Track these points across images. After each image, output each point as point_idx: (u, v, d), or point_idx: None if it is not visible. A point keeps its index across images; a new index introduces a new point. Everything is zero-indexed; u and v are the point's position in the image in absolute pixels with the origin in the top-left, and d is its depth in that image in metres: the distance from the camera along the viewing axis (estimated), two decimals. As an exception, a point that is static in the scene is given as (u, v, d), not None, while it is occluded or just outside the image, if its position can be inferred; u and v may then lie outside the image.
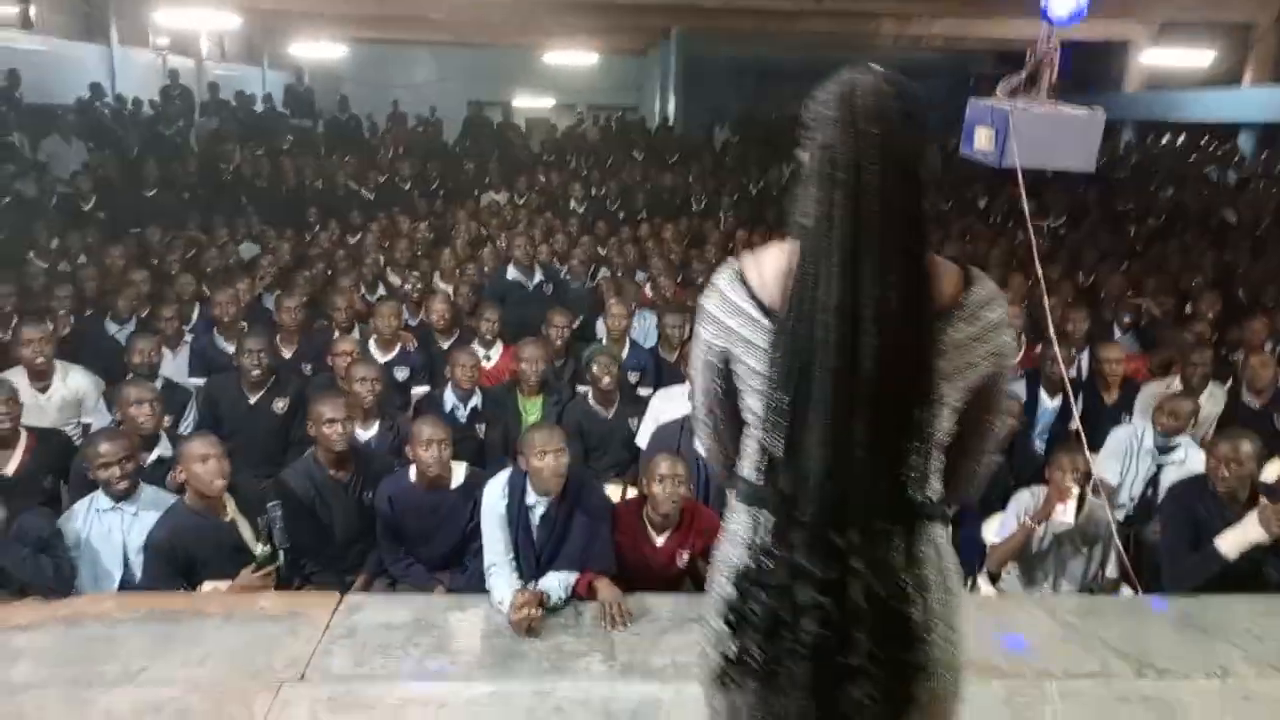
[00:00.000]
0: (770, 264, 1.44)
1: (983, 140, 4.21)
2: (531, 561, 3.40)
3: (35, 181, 8.99)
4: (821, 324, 1.32)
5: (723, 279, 1.49)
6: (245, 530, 3.44)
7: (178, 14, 12.91)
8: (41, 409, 4.44)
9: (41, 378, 4.54)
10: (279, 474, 3.95)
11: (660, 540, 3.54)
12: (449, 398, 4.80)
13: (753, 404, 1.45)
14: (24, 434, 3.94)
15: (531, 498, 3.41)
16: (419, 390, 5.34)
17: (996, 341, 1.42)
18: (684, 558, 3.50)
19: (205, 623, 3.10)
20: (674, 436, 3.97)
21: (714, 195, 10.95)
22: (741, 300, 1.44)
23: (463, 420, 4.72)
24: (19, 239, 7.48)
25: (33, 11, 12.94)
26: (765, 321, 1.41)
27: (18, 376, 4.37)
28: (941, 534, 1.45)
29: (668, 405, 4.75)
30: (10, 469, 3.85)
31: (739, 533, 1.48)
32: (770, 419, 1.38)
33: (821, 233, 1.33)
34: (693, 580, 3.61)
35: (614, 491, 4.30)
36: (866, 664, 1.32)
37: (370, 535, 3.88)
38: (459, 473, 3.74)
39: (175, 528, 3.32)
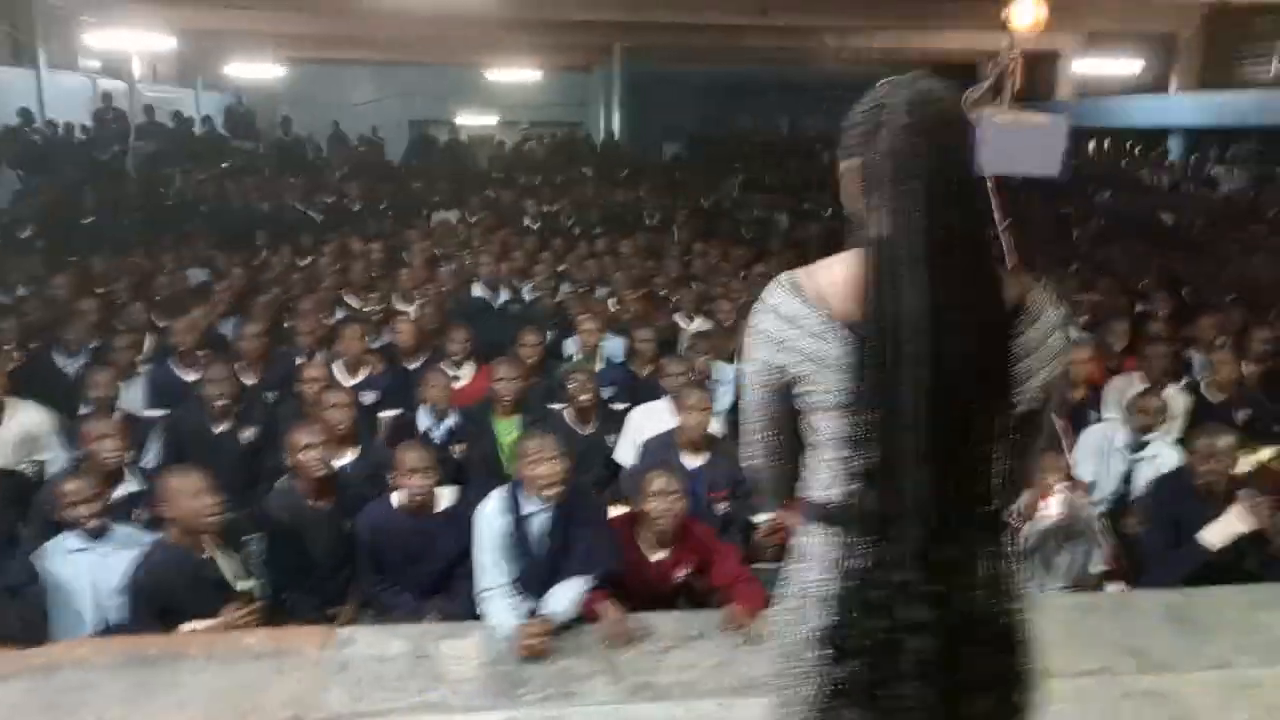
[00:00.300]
0: (828, 277, 1.40)
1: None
2: (537, 574, 3.33)
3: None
4: (908, 336, 1.29)
5: (777, 297, 1.42)
6: (225, 566, 3.30)
7: (108, 36, 12.58)
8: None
9: (-10, 414, 4.34)
10: (257, 505, 3.83)
11: (656, 557, 3.49)
12: (423, 419, 4.70)
13: (824, 422, 1.41)
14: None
15: (529, 507, 3.34)
16: (387, 414, 5.22)
17: (1060, 342, 1.42)
18: (680, 574, 3.46)
19: (184, 665, 2.96)
20: (663, 451, 3.93)
21: (667, 210, 10.98)
22: (805, 318, 1.38)
23: (438, 442, 4.63)
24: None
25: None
26: (836, 337, 1.36)
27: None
28: (1007, 541, 1.44)
29: (648, 421, 4.71)
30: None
31: (815, 555, 1.43)
32: (856, 436, 1.34)
33: (899, 242, 1.31)
34: (688, 596, 3.58)
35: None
36: (983, 679, 1.30)
37: (353, 565, 3.77)
38: (445, 497, 3.65)
39: (155, 566, 3.18)
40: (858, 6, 14.17)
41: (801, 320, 1.38)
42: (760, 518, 3.98)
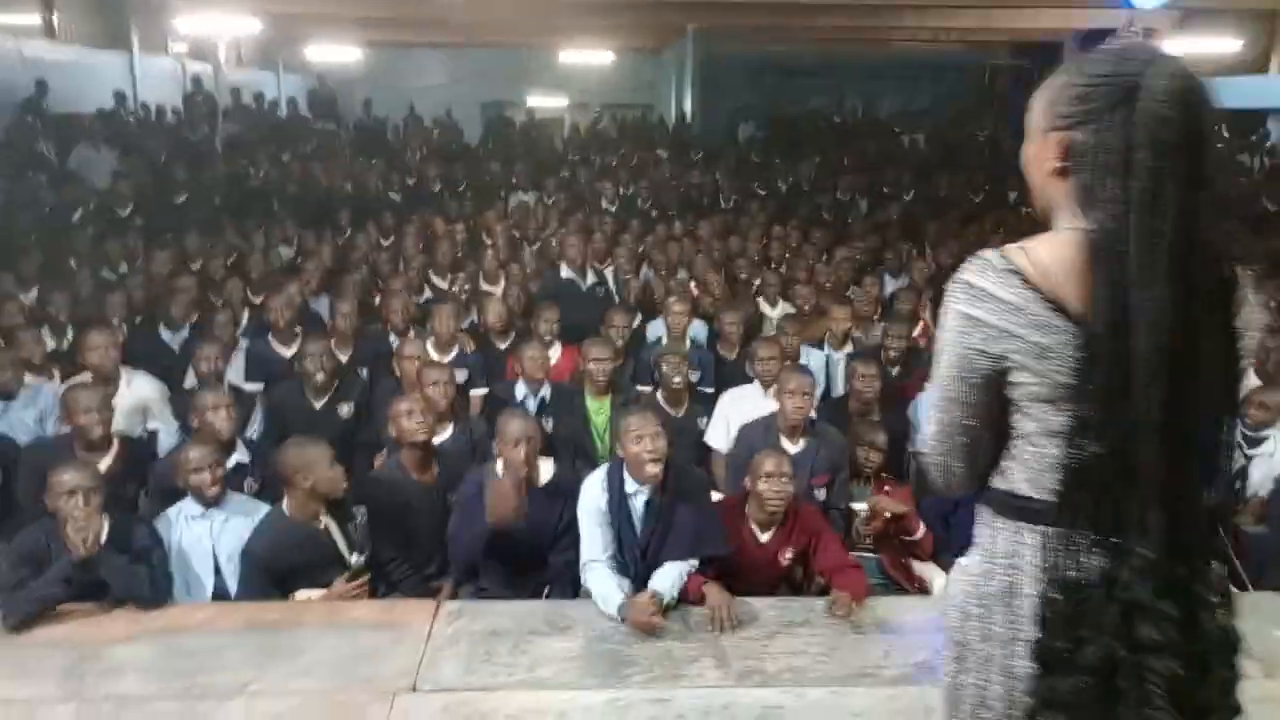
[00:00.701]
0: (1051, 256, 1.30)
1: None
2: (636, 554, 3.34)
3: (68, 190, 8.94)
4: (1150, 331, 1.21)
5: (987, 278, 1.31)
6: (338, 537, 3.38)
7: (197, 20, 12.88)
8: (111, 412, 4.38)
9: (108, 384, 4.49)
10: (359, 479, 3.90)
11: (764, 538, 3.47)
12: (520, 389, 4.76)
13: (1036, 414, 1.33)
14: (115, 439, 3.90)
15: (632, 486, 3.34)
16: (478, 392, 5.29)
17: (1258, 332, 1.35)
18: (787, 557, 3.43)
19: (305, 632, 3.04)
20: (761, 435, 3.90)
21: (743, 192, 10.88)
22: (1026, 301, 1.28)
23: (532, 412, 4.67)
24: (59, 248, 7.43)
25: (55, 20, 12.90)
26: (1062, 327, 1.27)
27: (84, 383, 4.32)
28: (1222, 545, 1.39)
29: (738, 405, 4.70)
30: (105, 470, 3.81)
31: (1004, 553, 1.39)
32: (1076, 432, 1.27)
33: (1143, 229, 1.22)
34: (788, 583, 3.55)
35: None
36: (1221, 697, 1.25)
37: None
38: (546, 469, 3.67)
39: (274, 536, 3.28)
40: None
41: (1024, 307, 1.28)
42: (859, 505, 3.94)
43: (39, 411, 4.52)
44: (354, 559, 3.31)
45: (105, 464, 3.77)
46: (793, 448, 3.90)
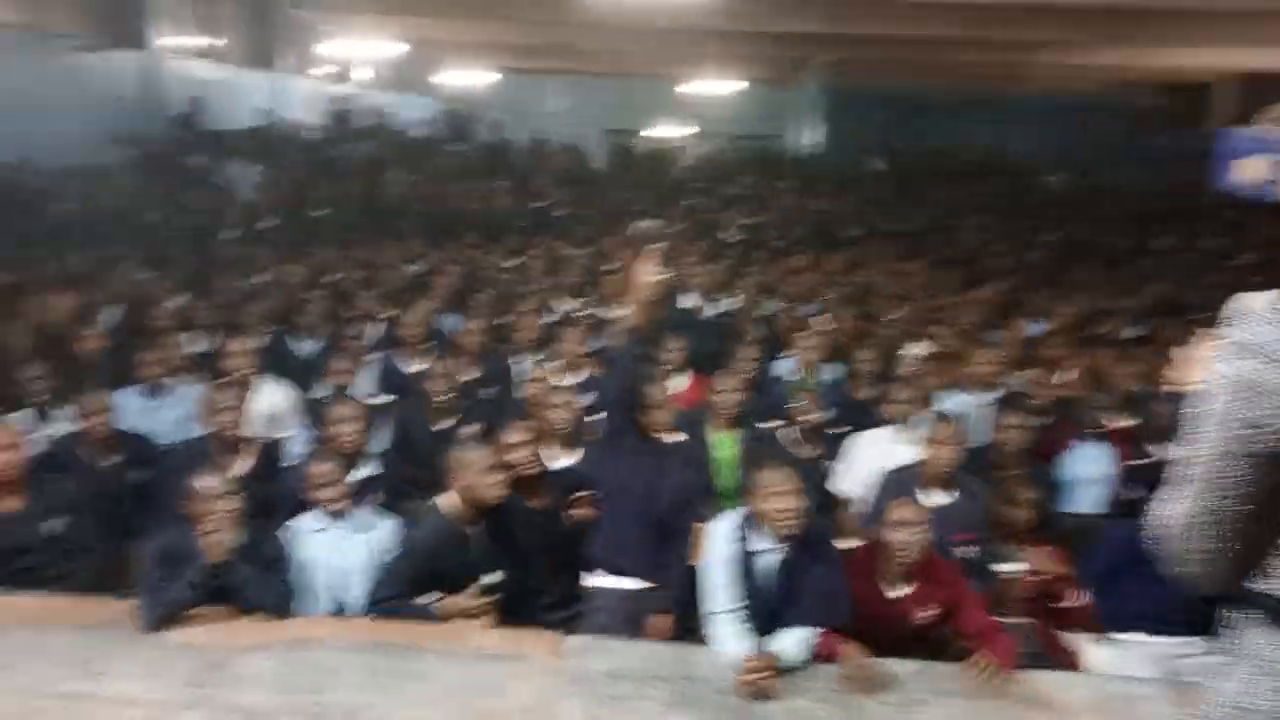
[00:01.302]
0: None
1: (1251, 170, 3.83)
2: (758, 612, 3.16)
3: (216, 202, 9.38)
4: None
5: (1266, 332, 1.11)
6: (484, 549, 3.32)
7: (339, 44, 13.46)
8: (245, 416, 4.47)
9: (244, 389, 4.58)
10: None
11: (895, 593, 3.24)
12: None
13: None
14: (250, 446, 3.96)
15: (758, 544, 3.18)
16: (601, 417, 5.20)
17: None
18: (923, 615, 3.19)
19: (426, 657, 2.97)
20: (904, 485, 3.65)
21: (871, 227, 10.61)
22: None
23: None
24: (206, 256, 7.76)
25: (210, 42, 13.68)
26: None
27: (223, 387, 4.41)
28: None
29: (870, 450, 4.46)
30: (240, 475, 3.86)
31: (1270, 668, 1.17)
32: None
33: None
34: (928, 644, 3.29)
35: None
36: None
37: (570, 569, 3.74)
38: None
39: (425, 531, 3.29)
40: (1085, 21, 13.26)
41: None
42: (1006, 567, 3.64)
43: (182, 412, 4.64)
44: (486, 578, 3.23)
45: (240, 470, 3.81)
46: (935, 500, 3.65)
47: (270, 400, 4.70)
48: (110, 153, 10.38)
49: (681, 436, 3.90)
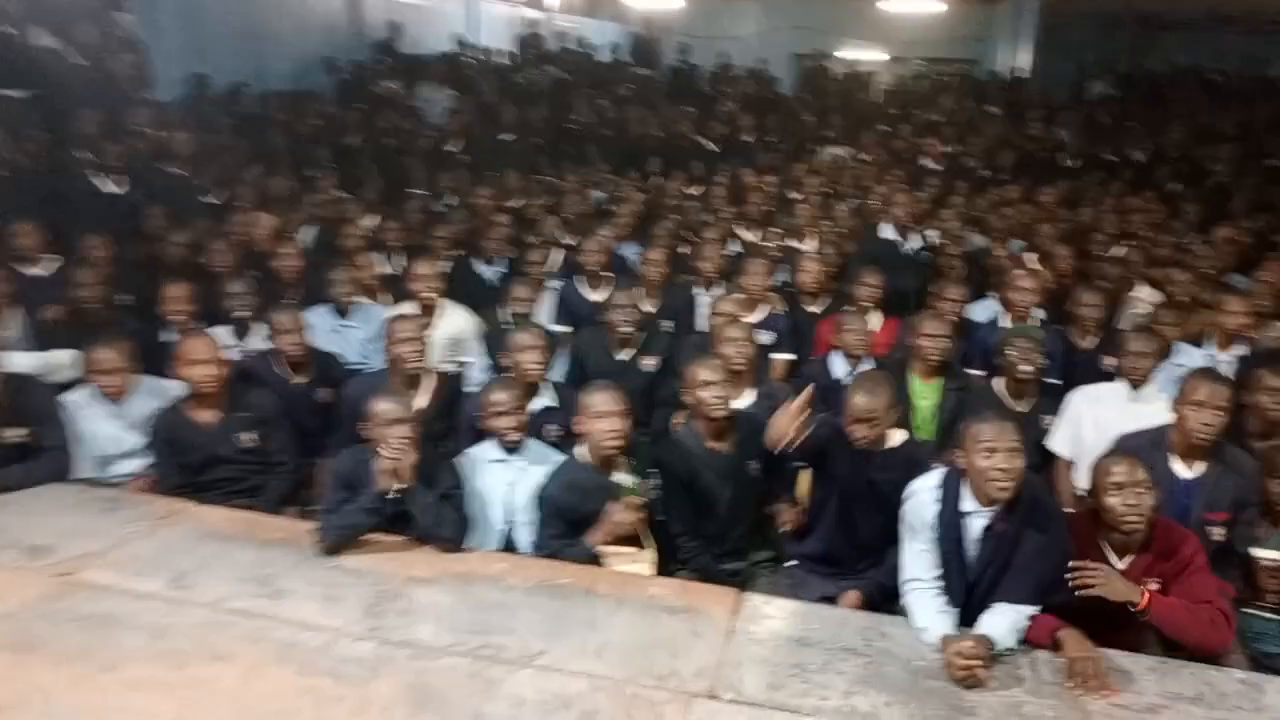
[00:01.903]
0: None
1: None
2: (961, 584, 2.81)
3: (408, 125, 9.54)
4: None
5: None
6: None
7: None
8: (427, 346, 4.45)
9: (428, 314, 4.56)
10: (660, 438, 3.64)
11: (1120, 565, 2.80)
12: (837, 366, 4.29)
13: None
14: (432, 374, 3.92)
15: (970, 505, 2.81)
16: (780, 357, 4.88)
17: None
18: (1148, 590, 2.71)
19: (598, 605, 2.81)
20: (1147, 452, 3.11)
21: (1092, 157, 9.55)
22: None
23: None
24: (397, 179, 7.88)
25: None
26: None
27: (407, 313, 4.40)
28: None
29: (1095, 407, 3.94)
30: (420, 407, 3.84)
31: None
32: None
33: None
34: (1155, 633, 2.81)
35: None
36: None
37: (752, 517, 3.50)
38: (895, 437, 3.27)
39: (568, 480, 3.15)
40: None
41: None
42: (1264, 553, 3.11)
43: (370, 332, 4.69)
44: (628, 483, 3.09)
45: (421, 399, 3.78)
46: (1186, 472, 3.13)
47: (453, 324, 4.67)
48: (317, 78, 10.79)
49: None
